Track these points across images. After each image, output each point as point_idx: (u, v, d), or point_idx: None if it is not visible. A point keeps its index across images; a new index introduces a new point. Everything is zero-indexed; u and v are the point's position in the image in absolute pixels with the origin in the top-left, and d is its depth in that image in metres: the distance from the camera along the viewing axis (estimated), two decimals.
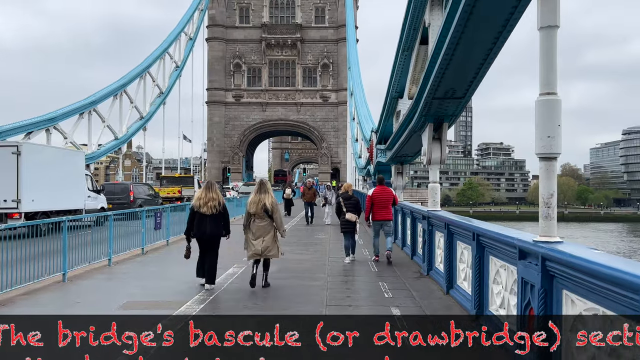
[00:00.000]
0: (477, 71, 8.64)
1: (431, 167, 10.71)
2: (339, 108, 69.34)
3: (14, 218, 16.78)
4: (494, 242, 6.39)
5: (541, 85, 5.17)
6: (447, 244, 8.72)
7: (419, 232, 12.24)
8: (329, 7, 71.15)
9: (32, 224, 9.66)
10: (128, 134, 43.77)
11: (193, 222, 9.23)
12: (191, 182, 37.42)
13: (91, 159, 37.16)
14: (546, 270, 4.80)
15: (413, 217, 12.54)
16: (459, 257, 8.34)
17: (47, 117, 32.18)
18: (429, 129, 10.44)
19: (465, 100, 9.67)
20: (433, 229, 10.27)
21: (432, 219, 10.19)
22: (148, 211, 14.12)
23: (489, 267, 6.79)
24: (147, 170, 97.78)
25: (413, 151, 14.81)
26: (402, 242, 14.33)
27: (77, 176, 20.28)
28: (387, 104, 15.92)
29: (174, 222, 16.47)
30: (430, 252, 10.33)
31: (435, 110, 10.04)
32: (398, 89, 14.53)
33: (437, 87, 9.16)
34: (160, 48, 51.04)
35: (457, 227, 8.22)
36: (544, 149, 5.08)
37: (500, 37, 7.50)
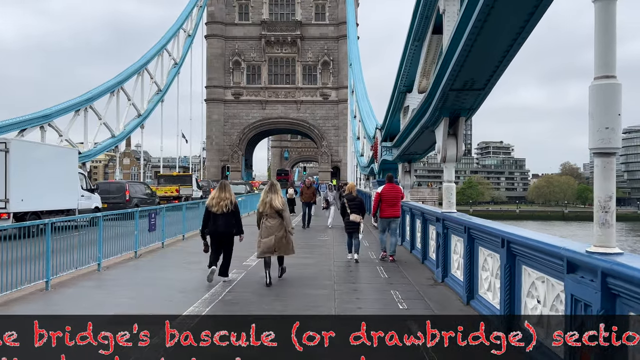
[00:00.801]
0: (502, 59, 7.81)
1: (446, 165, 9.88)
2: (339, 106, 68.47)
3: (1, 218, 15.94)
4: (530, 250, 5.57)
5: (597, 67, 4.35)
6: (467, 250, 7.90)
7: (430, 234, 11.43)
8: (329, 4, 70.21)
9: (15, 226, 8.85)
10: (125, 132, 42.90)
11: (208, 220, 9.55)
12: (189, 181, 36.55)
13: (87, 157, 36.37)
14: (607, 289, 3.98)
15: (424, 219, 11.72)
16: (482, 264, 7.52)
17: (41, 114, 31.33)
18: (444, 124, 9.61)
19: (485, 92, 8.85)
20: (449, 233, 9.45)
21: (448, 222, 9.37)
22: (142, 211, 13.26)
23: (521, 279, 5.98)
24: (146, 168, 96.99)
25: (423, 148, 13.97)
26: (410, 245, 13.51)
27: (69, 175, 19.42)
28: (394, 99, 15.09)
29: (170, 222, 15.65)
30: (446, 257, 9.51)
31: (451, 103, 9.22)
32: (406, 82, 13.69)
33: (455, 77, 8.33)
34: (158, 45, 50.14)
35: (480, 231, 7.39)
36: (602, 143, 4.25)
37: (532, 18, 6.68)
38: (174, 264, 11.92)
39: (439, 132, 9.99)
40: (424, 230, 11.71)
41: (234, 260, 11.39)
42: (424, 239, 11.68)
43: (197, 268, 11.15)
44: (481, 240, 7.46)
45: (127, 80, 43.19)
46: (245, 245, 10.78)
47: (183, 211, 16.65)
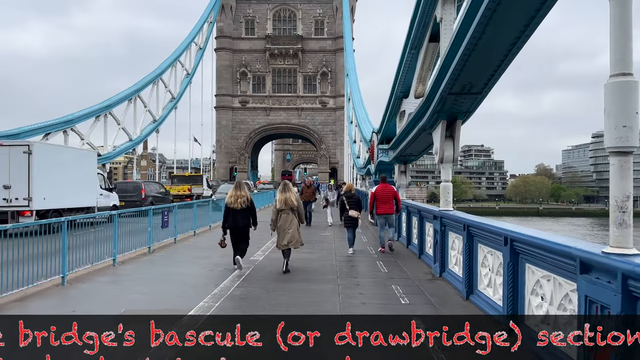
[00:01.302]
0: (500, 63, 7.33)
1: (443, 165, 9.38)
2: (337, 113, 67.88)
3: (25, 216, 15.40)
4: (536, 249, 5.07)
5: (612, 64, 3.83)
6: (466, 247, 7.40)
7: (427, 231, 10.94)
8: (327, 20, 69.64)
9: (32, 224, 8.31)
10: (142, 136, 42.25)
11: (228, 216, 9.76)
12: (200, 181, 36.01)
13: (107, 158, 35.77)
14: (628, 291, 3.49)
15: (421, 216, 11.21)
16: (481, 261, 7.02)
17: (64, 120, 30.74)
18: (441, 127, 9.11)
19: (482, 96, 8.35)
20: (446, 230, 8.95)
21: (446, 219, 8.87)
22: (155, 209, 12.72)
23: (524, 277, 5.48)
24: (161, 170, 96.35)
25: (418, 150, 13.46)
26: (407, 240, 13.00)
27: (89, 175, 18.87)
28: (391, 104, 14.58)
29: (182, 219, 15.12)
30: (443, 253, 9.01)
31: (449, 106, 8.72)
32: (403, 88, 13.19)
33: (454, 81, 7.84)
34: (172, 57, 49.53)
35: (480, 229, 6.89)
36: (619, 142, 3.74)
37: (532, 22, 6.19)
38: (185, 259, 11.40)
39: (436, 134, 9.50)
40: (420, 227, 11.21)
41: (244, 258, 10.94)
42: (421, 235, 11.18)
43: (207, 263, 10.66)
44: (481, 238, 6.96)
45: (144, 89, 42.57)
46: (253, 242, 10.33)
47: (194, 209, 16.12)
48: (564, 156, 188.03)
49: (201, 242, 14.17)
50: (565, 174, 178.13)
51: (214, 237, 15.61)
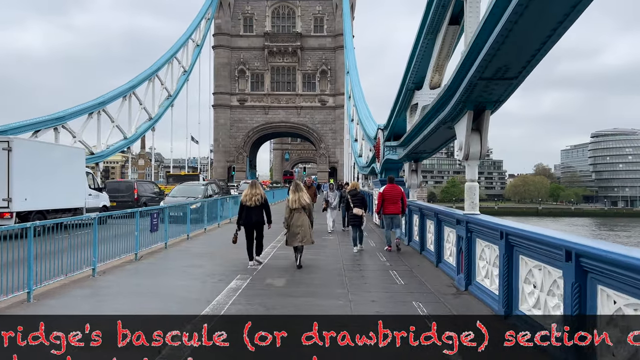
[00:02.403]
0: (546, 40, 6.12)
1: (469, 163, 8.18)
2: (336, 111, 66.72)
3: (4, 218, 14.16)
4: (612, 267, 3.89)
5: None
6: (504, 259, 6.21)
7: (445, 237, 9.75)
8: (327, 17, 68.45)
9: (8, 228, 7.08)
10: (137, 134, 40.98)
11: (242, 213, 10.03)
12: (197, 180, 34.78)
13: (100, 157, 34.54)
14: None
15: (438, 220, 10.01)
16: (524, 276, 5.84)
17: (55, 117, 29.45)
18: (467, 118, 7.91)
19: (518, 82, 7.15)
20: (473, 237, 7.76)
21: (473, 225, 7.68)
22: (143, 210, 11.49)
23: (596, 300, 4.29)
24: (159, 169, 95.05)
25: (433, 147, 12.25)
26: (420, 246, 11.80)
27: (76, 174, 17.62)
28: (401, 97, 13.38)
29: (174, 221, 13.91)
30: (470, 264, 7.82)
31: (478, 94, 7.52)
32: (416, 79, 11.98)
33: (487, 63, 6.63)
34: (168, 53, 48.29)
35: (525, 239, 5.70)
36: None
37: None
38: (175, 267, 10.19)
39: (460, 127, 8.30)
40: (438, 232, 10.00)
41: (239, 264, 9.84)
42: (439, 242, 9.97)
43: (200, 273, 9.46)
44: (526, 249, 5.76)
45: (139, 86, 41.31)
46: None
47: (187, 210, 14.89)
48: (562, 156, 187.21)
49: (195, 247, 12.97)
50: (564, 173, 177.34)
51: (209, 241, 14.46)
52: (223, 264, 10.40)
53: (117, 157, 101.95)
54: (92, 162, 33.46)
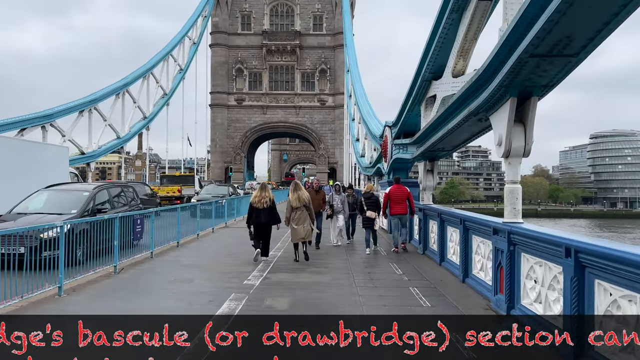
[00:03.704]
0: (625, 4, 4.73)
1: (510, 161, 6.76)
2: (336, 111, 65.29)
3: None
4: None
5: None
6: (574, 284, 4.78)
7: (474, 249, 8.32)
8: (326, 15, 67.01)
9: None
10: (130, 134, 39.38)
11: (252, 214, 10.60)
12: (192, 181, 33.28)
13: (92, 157, 33.02)
14: None
15: (465, 228, 8.59)
16: (604, 307, 4.42)
17: (42, 114, 27.91)
18: (510, 107, 6.50)
19: (578, 59, 5.75)
20: (517, 250, 6.35)
21: (518, 237, 6.26)
22: (123, 217, 10.00)
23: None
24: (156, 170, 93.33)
25: (454, 143, 10.77)
26: (440, 256, 10.36)
27: (58, 174, 16.15)
28: (415, 89, 11.95)
29: (162, 226, 12.46)
30: (512, 283, 6.40)
31: (525, 76, 6.12)
32: (434, 67, 10.56)
33: (546, 35, 5.23)
34: (164, 50, 46.75)
35: (610, 260, 4.27)
36: None
37: None
38: (159, 284, 8.72)
39: (498, 118, 6.89)
40: (464, 242, 8.58)
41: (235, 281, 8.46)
42: (466, 254, 8.55)
43: (187, 292, 8.00)
44: (601, 271, 4.35)
45: (133, 83, 39.77)
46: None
47: (178, 213, 13.42)
48: (561, 157, 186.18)
49: (184, 257, 11.49)
50: (563, 174, 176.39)
51: (201, 250, 13.01)
52: (217, 277, 8.97)
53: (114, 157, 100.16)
54: (83, 162, 31.99)
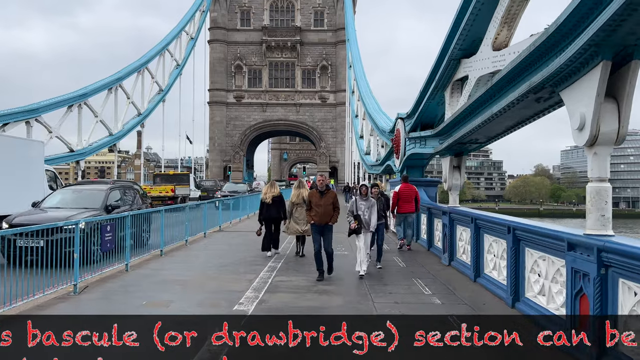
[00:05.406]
0: None
1: (596, 150, 4.91)
2: (337, 109, 63.43)
3: None
4: None
5: None
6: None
7: (528, 265, 6.47)
8: (327, 11, 65.10)
9: None
10: (124, 131, 37.51)
11: (262, 209, 11.50)
12: (187, 180, 31.33)
13: (81, 155, 31.18)
14: None
15: (515, 238, 6.73)
16: None
17: (27, 108, 26.10)
18: (601, 75, 4.66)
19: None
20: (611, 275, 4.51)
21: (610, 255, 4.42)
22: (88, 221, 8.14)
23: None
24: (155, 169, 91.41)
25: (492, 134, 8.82)
26: (474, 269, 8.49)
27: (30, 172, 14.33)
28: (439, 71, 10.10)
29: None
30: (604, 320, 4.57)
31: (629, 29, 4.29)
32: (466, 43, 8.72)
33: None
34: (159, 45, 44.87)
35: None
36: None
37: None
38: (128, 308, 6.86)
39: (578, 92, 5.05)
40: (514, 256, 6.73)
41: None
42: (516, 271, 6.70)
43: (161, 320, 6.12)
44: None
45: (126, 78, 37.89)
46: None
47: (161, 217, 11.57)
48: (562, 157, 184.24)
49: (168, 270, 9.57)
50: (564, 174, 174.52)
51: (190, 258, 11.19)
52: (204, 301, 7.11)
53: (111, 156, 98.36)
54: (72, 160, 30.18)
